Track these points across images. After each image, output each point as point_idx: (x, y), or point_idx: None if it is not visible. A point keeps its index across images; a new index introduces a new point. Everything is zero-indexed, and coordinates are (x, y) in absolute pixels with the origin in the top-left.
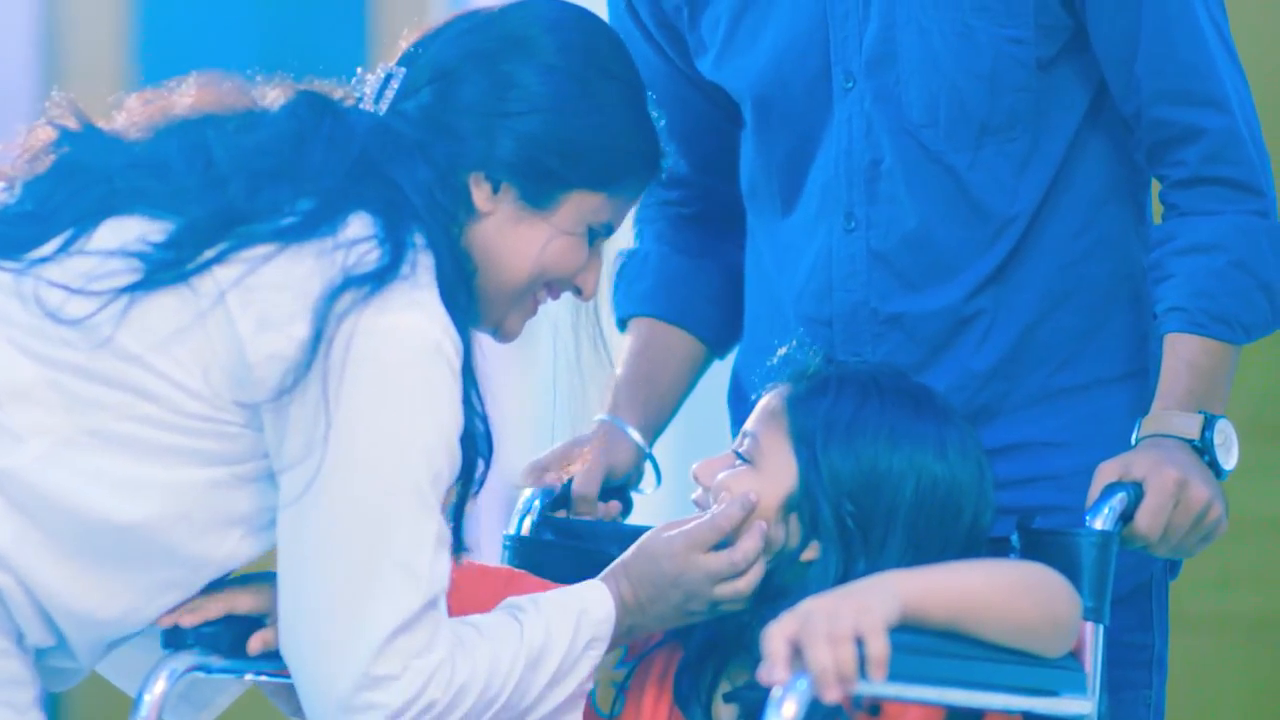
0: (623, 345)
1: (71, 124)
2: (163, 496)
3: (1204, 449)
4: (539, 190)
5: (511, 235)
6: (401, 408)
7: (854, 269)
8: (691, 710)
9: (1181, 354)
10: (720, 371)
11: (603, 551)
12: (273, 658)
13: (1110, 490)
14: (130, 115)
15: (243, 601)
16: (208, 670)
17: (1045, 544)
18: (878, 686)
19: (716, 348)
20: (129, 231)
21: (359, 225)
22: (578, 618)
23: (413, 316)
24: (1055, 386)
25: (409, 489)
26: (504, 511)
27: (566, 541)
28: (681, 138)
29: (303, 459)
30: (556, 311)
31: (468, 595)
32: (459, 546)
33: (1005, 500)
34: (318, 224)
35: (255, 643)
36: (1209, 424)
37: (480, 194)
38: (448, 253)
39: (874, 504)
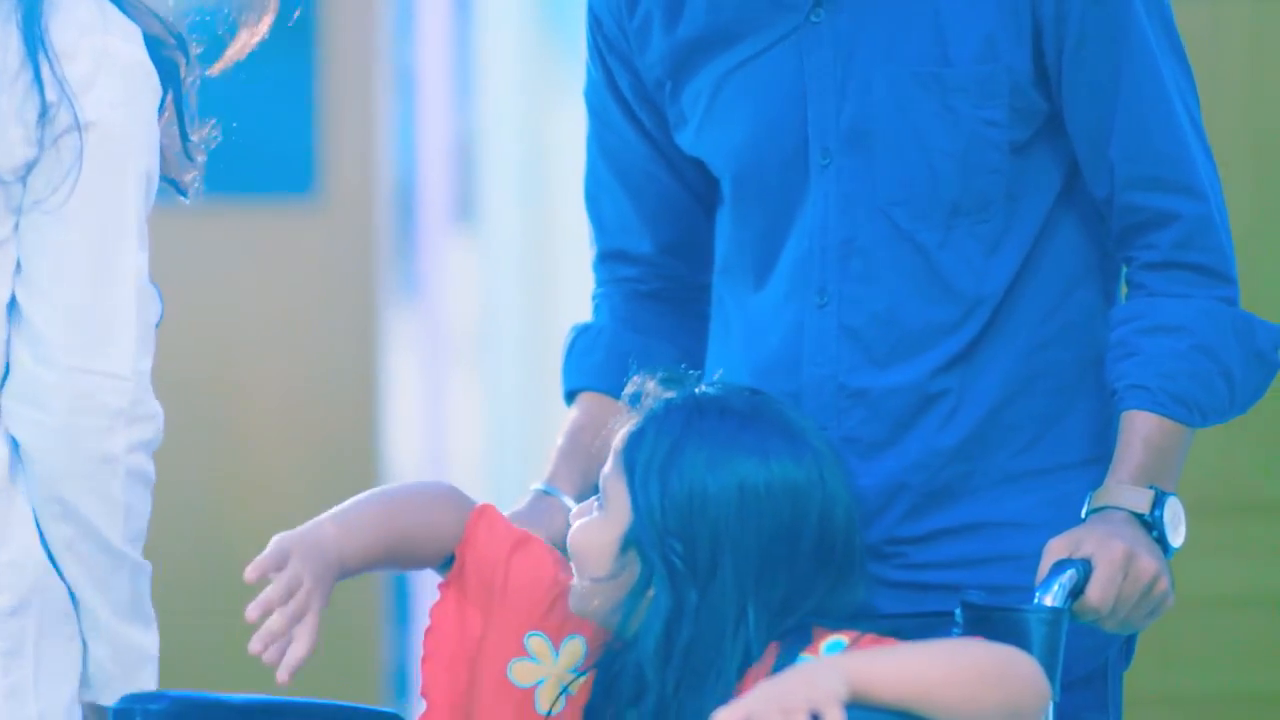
0: (566, 417)
1: None
2: None
3: (1153, 525)
4: None
5: None
6: (127, 131)
7: (823, 343)
8: None
9: (1139, 430)
10: None
11: None
12: None
13: (1060, 567)
14: None
15: None
16: None
17: (994, 620)
18: None
19: None
20: None
21: None
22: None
23: (106, 37)
24: (1017, 469)
25: (131, 211)
26: None
27: None
28: (649, 217)
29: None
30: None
31: (481, 549)
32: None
33: (963, 579)
34: None
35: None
36: (1159, 500)
37: None
38: None
39: (697, 532)
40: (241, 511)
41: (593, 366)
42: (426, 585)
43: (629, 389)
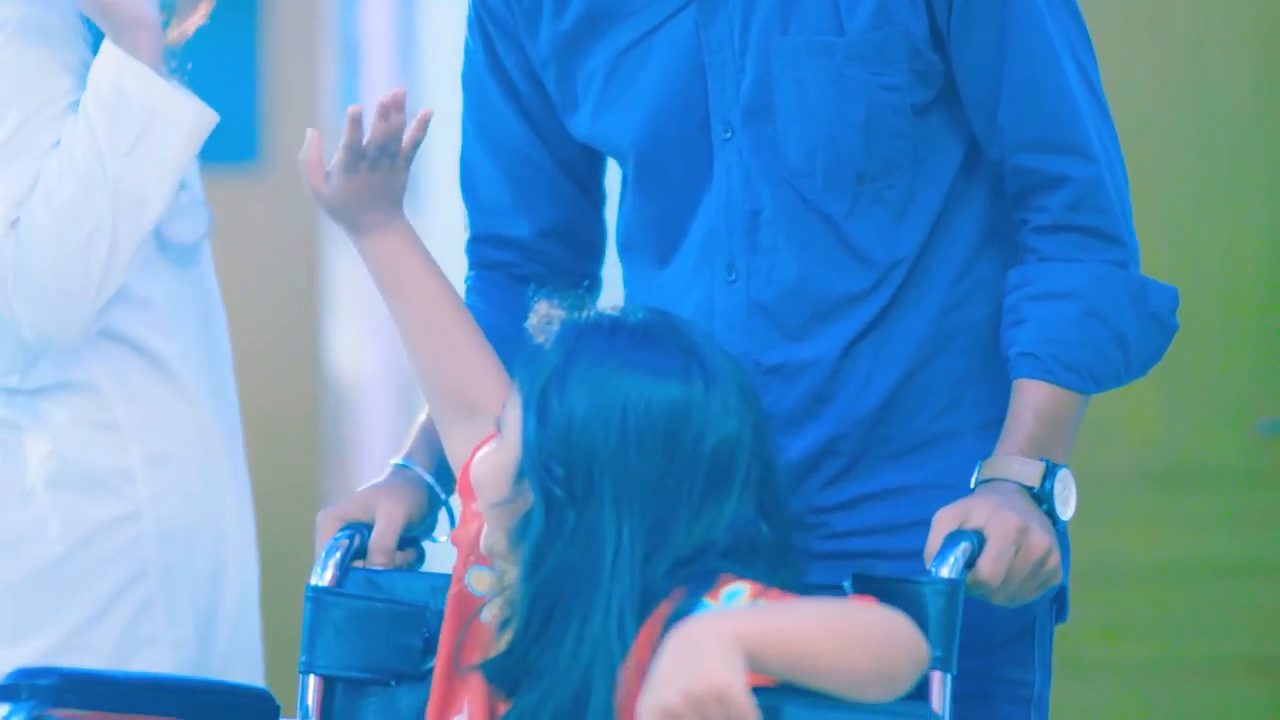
0: None
1: None
2: None
3: (1042, 498)
4: None
5: None
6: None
7: (734, 319)
8: None
9: (1029, 400)
10: None
11: (404, 602)
12: (114, 703)
13: (955, 539)
14: None
15: None
16: None
17: (890, 592)
18: None
19: None
20: None
21: None
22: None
23: None
24: (937, 431)
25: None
26: None
27: (369, 593)
28: (526, 200)
29: None
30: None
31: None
32: None
33: (886, 545)
34: None
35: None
36: (1050, 472)
37: None
38: None
39: (576, 455)
40: None
41: None
42: None
43: (533, 319)
